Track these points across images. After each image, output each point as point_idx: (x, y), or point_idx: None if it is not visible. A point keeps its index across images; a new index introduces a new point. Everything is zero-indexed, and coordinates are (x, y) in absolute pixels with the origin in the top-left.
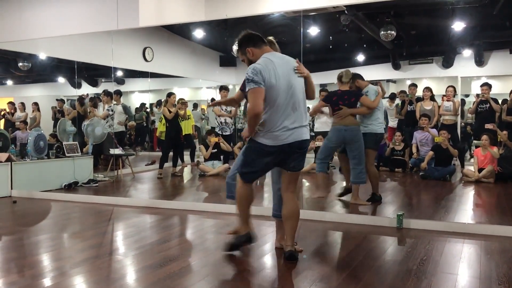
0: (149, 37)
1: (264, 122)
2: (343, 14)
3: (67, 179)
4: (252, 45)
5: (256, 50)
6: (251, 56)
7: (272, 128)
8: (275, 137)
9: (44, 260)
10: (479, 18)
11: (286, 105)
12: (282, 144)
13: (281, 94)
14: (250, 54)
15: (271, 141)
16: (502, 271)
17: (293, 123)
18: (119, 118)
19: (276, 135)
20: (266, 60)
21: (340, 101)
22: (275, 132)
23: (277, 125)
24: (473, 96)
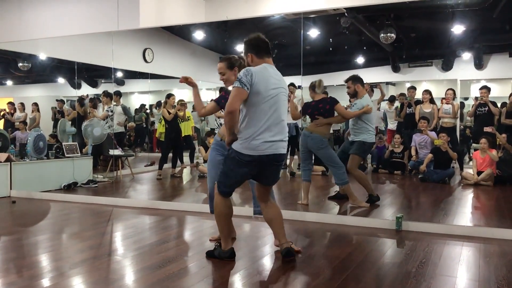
0: (149, 38)
1: (242, 129)
2: (343, 16)
3: (67, 180)
4: (255, 53)
5: (256, 59)
6: (250, 62)
7: (250, 136)
8: (254, 147)
9: (43, 261)
10: (479, 21)
11: (270, 117)
12: (260, 155)
13: (265, 103)
14: (250, 59)
15: (249, 151)
16: (501, 274)
17: (273, 136)
18: (118, 119)
19: (255, 145)
20: (263, 67)
21: (316, 111)
22: (254, 142)
23: (256, 134)
24: (472, 99)
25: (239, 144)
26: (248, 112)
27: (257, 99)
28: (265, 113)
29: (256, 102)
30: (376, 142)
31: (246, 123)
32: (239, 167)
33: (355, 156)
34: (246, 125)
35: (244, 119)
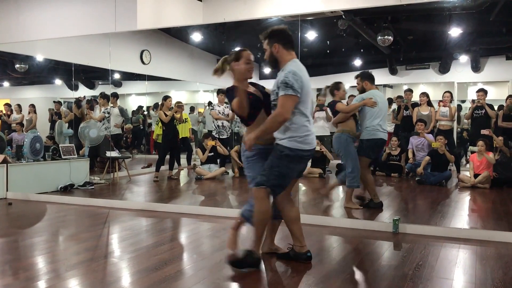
0: (147, 40)
1: (294, 125)
2: (340, 19)
3: (63, 182)
4: (282, 44)
5: (283, 50)
6: (276, 53)
7: (305, 131)
8: (310, 141)
9: (39, 263)
10: (476, 24)
11: (309, 112)
12: (313, 148)
13: (309, 98)
14: (275, 50)
15: (307, 145)
16: (497, 276)
17: (312, 128)
18: (115, 121)
19: (311, 139)
20: (297, 63)
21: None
22: (309, 136)
23: (308, 128)
24: (469, 102)
25: (295, 141)
26: (299, 109)
27: (305, 98)
28: (308, 107)
29: (304, 100)
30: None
31: (297, 119)
32: (298, 164)
33: (359, 156)
34: (298, 121)
35: (294, 115)
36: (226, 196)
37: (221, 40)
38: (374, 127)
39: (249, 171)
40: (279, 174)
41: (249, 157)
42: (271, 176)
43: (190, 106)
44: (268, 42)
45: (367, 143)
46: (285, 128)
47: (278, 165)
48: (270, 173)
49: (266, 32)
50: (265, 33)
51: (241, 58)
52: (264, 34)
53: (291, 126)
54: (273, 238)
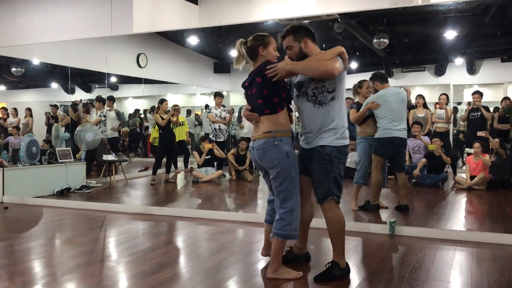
0: (143, 43)
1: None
2: (336, 22)
3: (60, 185)
4: (312, 39)
5: (312, 45)
6: (305, 48)
7: (343, 128)
8: (347, 135)
9: (36, 267)
10: (471, 27)
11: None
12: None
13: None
14: (305, 46)
15: (346, 140)
16: (493, 278)
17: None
18: (112, 124)
19: (347, 133)
20: None
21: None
22: (346, 131)
23: (344, 124)
24: (465, 104)
25: (339, 139)
26: (341, 104)
27: (343, 93)
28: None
29: (342, 96)
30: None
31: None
32: (343, 162)
33: (373, 155)
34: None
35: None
36: (223, 199)
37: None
38: (386, 125)
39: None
40: (335, 178)
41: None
42: (330, 185)
43: (187, 109)
44: (294, 38)
45: (379, 141)
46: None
47: (332, 170)
48: (327, 182)
49: (290, 28)
50: (287, 29)
51: (269, 44)
52: (286, 30)
53: (335, 119)
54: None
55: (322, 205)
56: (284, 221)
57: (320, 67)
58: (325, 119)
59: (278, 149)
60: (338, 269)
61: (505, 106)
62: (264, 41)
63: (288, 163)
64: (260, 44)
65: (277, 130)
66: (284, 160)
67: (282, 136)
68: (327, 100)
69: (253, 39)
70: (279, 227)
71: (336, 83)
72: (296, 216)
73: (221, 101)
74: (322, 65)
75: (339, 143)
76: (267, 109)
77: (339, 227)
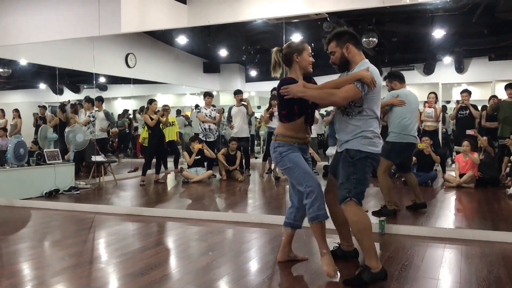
0: (132, 43)
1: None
2: (325, 21)
3: (48, 187)
4: (354, 43)
5: (355, 50)
6: (347, 54)
7: (373, 135)
8: (379, 143)
9: (24, 269)
10: (459, 25)
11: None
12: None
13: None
14: (347, 51)
15: (377, 148)
16: (482, 275)
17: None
18: (101, 125)
19: (380, 142)
20: (374, 67)
21: None
22: (379, 139)
23: (377, 132)
24: (454, 103)
25: (367, 144)
26: (372, 111)
27: (377, 99)
28: (379, 110)
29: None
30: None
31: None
32: (370, 167)
33: (381, 158)
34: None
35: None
36: (213, 200)
37: (207, 43)
38: (404, 129)
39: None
40: (357, 181)
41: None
42: (351, 186)
43: (176, 109)
44: (336, 43)
45: (394, 146)
46: (355, 130)
47: (354, 172)
48: (348, 183)
49: (333, 34)
50: (331, 35)
51: (304, 50)
52: (330, 36)
53: (362, 128)
54: (290, 246)
55: (342, 206)
56: (308, 208)
57: (328, 98)
58: (352, 128)
59: (276, 150)
60: (368, 274)
61: (493, 104)
62: (299, 48)
63: (280, 159)
64: (295, 51)
65: (278, 135)
66: (278, 158)
67: (281, 141)
68: (354, 112)
69: (288, 47)
70: (306, 213)
71: (363, 100)
72: (314, 197)
73: (210, 100)
74: (331, 96)
75: (365, 148)
76: (279, 116)
77: (361, 227)
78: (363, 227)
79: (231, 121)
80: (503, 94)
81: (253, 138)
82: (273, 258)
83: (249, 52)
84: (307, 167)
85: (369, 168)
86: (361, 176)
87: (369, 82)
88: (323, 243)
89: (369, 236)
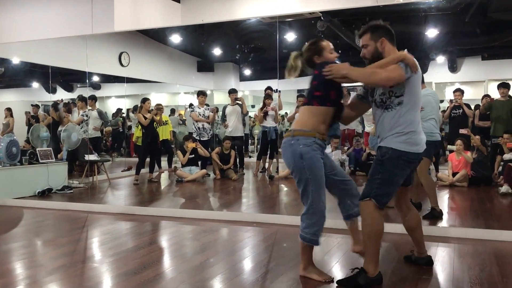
0: (125, 41)
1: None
2: (319, 20)
3: (41, 186)
4: (389, 39)
5: (389, 45)
6: (381, 48)
7: (411, 132)
8: (419, 141)
9: (17, 269)
10: (452, 25)
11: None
12: (421, 152)
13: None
14: (381, 46)
15: (415, 148)
16: (474, 273)
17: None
18: (94, 124)
19: (420, 139)
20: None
21: None
22: (419, 136)
23: (416, 129)
24: (447, 102)
25: (401, 143)
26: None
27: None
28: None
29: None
30: (353, 145)
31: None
32: (403, 169)
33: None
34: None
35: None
36: (207, 198)
37: (201, 42)
38: (433, 129)
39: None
40: (381, 181)
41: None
42: (373, 186)
43: (170, 108)
44: (371, 36)
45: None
46: (392, 125)
47: (380, 171)
48: (372, 182)
49: (368, 26)
50: (366, 27)
51: (323, 50)
52: (364, 28)
53: (400, 123)
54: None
55: (360, 203)
56: (303, 223)
57: (372, 77)
58: (392, 124)
59: (294, 148)
60: (364, 278)
61: (486, 103)
62: (317, 49)
63: (301, 163)
64: (314, 53)
65: (296, 129)
66: (297, 159)
67: (301, 136)
68: (393, 104)
69: (307, 50)
70: (300, 228)
71: (404, 87)
72: (315, 221)
73: (204, 99)
74: (375, 74)
75: (398, 146)
76: (309, 98)
77: (372, 233)
78: (374, 233)
79: (225, 120)
80: (496, 93)
81: (247, 137)
82: (267, 256)
83: (243, 51)
84: (322, 182)
85: (400, 170)
86: (387, 177)
87: (412, 62)
88: (307, 259)
89: (377, 242)
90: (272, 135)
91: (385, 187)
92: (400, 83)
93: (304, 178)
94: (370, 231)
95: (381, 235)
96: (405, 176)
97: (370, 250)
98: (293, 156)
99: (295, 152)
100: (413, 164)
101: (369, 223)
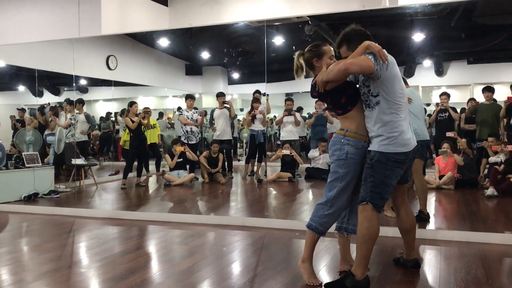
0: (113, 45)
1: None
2: (306, 24)
3: (27, 191)
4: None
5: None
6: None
7: (394, 132)
8: (405, 141)
9: (2, 274)
10: (438, 29)
11: (404, 107)
12: (410, 150)
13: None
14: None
15: (402, 148)
16: (460, 276)
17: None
18: (81, 127)
19: (406, 139)
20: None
21: None
22: (406, 135)
23: (400, 128)
24: (434, 105)
25: (387, 144)
26: (389, 108)
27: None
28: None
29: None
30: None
31: (388, 119)
32: (394, 170)
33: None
34: (387, 121)
35: (384, 116)
36: (195, 202)
37: (189, 45)
38: (422, 127)
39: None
40: (374, 184)
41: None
42: (368, 189)
43: (158, 112)
44: (347, 48)
45: (421, 143)
46: (375, 126)
47: (371, 174)
48: (366, 186)
49: (341, 38)
50: (340, 39)
51: (324, 54)
52: (338, 40)
53: (382, 124)
54: (350, 254)
55: (359, 207)
56: (315, 211)
57: (341, 69)
58: (374, 123)
59: (343, 146)
60: (351, 281)
61: (471, 107)
62: (318, 52)
63: (342, 161)
64: (314, 56)
65: (349, 130)
66: (342, 156)
67: (352, 138)
68: (372, 104)
69: (308, 51)
70: (311, 216)
71: (378, 86)
72: (327, 213)
73: (192, 103)
74: (341, 66)
75: (385, 149)
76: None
77: (367, 236)
78: (369, 237)
79: (213, 123)
80: (481, 97)
81: (235, 141)
82: (255, 260)
83: (231, 54)
84: (352, 184)
85: (391, 172)
86: (379, 180)
87: (376, 50)
88: (308, 250)
89: (369, 247)
90: (260, 139)
91: (378, 189)
92: (375, 82)
93: (337, 172)
94: (365, 236)
95: (375, 240)
96: (397, 176)
97: (362, 254)
98: (338, 153)
99: (343, 150)
100: (404, 164)
101: (366, 226)
